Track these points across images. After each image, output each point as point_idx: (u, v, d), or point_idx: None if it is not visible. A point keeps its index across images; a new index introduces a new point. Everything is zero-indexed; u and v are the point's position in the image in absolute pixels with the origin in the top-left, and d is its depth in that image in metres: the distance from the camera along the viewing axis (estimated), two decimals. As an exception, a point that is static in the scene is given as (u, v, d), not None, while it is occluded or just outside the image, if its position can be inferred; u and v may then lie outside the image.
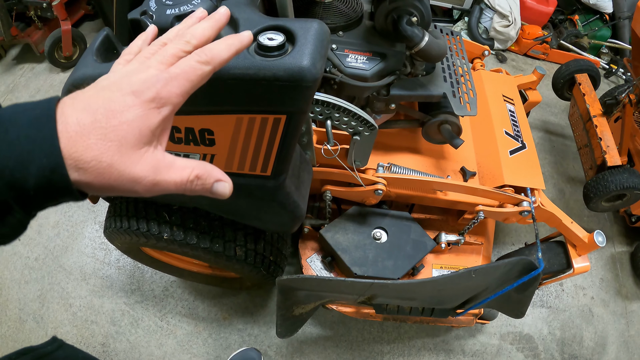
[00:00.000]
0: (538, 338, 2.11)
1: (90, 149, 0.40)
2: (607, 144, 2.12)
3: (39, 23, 2.79)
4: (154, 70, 0.46)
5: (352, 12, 1.40)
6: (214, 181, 0.50)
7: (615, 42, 3.60)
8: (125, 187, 0.43)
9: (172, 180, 0.46)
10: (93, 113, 0.42)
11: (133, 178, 0.43)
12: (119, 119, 0.42)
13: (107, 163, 0.41)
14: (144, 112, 0.44)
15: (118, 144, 0.42)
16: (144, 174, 0.44)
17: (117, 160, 0.42)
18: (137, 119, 0.43)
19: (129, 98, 0.43)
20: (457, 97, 1.50)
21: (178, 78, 0.46)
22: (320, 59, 0.78)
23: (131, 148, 0.43)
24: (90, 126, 0.41)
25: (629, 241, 2.55)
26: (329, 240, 1.57)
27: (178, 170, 0.46)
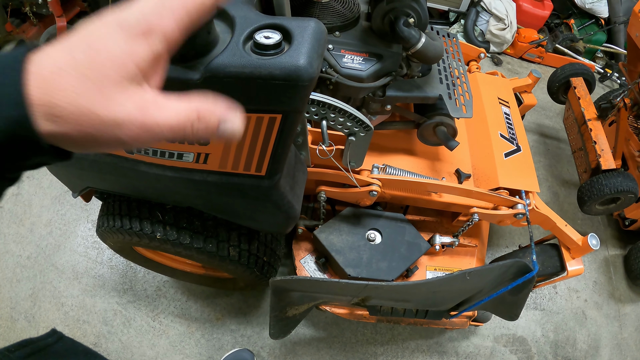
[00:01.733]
0: (531, 340, 2.11)
1: (67, 93, 0.34)
2: (601, 147, 2.13)
3: (34, 19, 2.77)
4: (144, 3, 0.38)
5: (349, 12, 1.40)
6: (217, 120, 0.40)
7: (610, 46, 3.62)
8: (108, 135, 0.36)
9: (165, 122, 0.37)
10: (71, 51, 0.35)
11: (115, 121, 0.36)
12: (101, 55, 0.36)
13: (86, 107, 0.35)
14: (130, 44, 0.36)
15: (99, 84, 0.35)
16: (128, 116, 0.36)
17: (99, 102, 0.35)
18: (118, 50, 0.36)
19: (113, 30, 0.37)
20: (452, 99, 1.50)
21: (172, 5, 0.38)
22: (317, 58, 0.78)
23: (114, 86, 0.36)
24: (67, 65, 0.35)
25: (623, 244, 2.57)
26: (323, 241, 1.56)
27: (173, 109, 0.38)
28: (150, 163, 1.02)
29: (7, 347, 0.83)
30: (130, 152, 1.01)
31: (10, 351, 0.83)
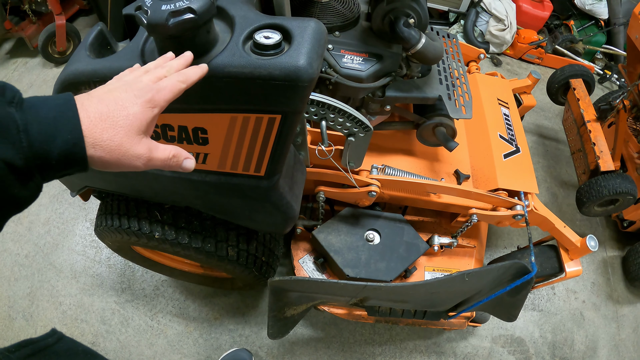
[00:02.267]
0: (529, 341, 2.11)
1: (106, 131, 0.54)
2: (600, 149, 2.13)
3: (33, 17, 2.76)
4: (146, 81, 0.62)
5: (349, 12, 1.39)
6: (183, 159, 0.65)
7: (610, 48, 3.62)
8: (129, 161, 0.57)
9: (160, 157, 0.61)
10: (107, 105, 0.56)
11: (136, 155, 0.58)
12: (126, 111, 0.57)
13: (117, 142, 0.55)
14: (143, 109, 0.59)
15: (125, 130, 0.56)
16: (143, 152, 0.58)
17: (125, 141, 0.56)
18: (138, 114, 0.58)
19: (133, 98, 0.59)
20: (452, 100, 1.50)
21: (165, 89, 0.62)
22: (316, 58, 0.78)
23: (134, 133, 0.57)
24: (106, 114, 0.55)
25: (621, 246, 2.57)
26: (321, 242, 1.56)
27: (162, 150, 0.62)
28: (149, 163, 1.01)
29: (7, 348, 0.83)
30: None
31: (10, 351, 0.83)
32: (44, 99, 0.53)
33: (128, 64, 0.83)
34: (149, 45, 0.85)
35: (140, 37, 0.87)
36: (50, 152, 0.50)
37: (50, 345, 0.91)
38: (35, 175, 0.51)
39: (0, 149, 0.47)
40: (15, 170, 0.49)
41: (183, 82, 0.65)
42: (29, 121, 0.49)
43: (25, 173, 0.50)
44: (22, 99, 0.52)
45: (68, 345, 0.95)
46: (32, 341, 0.88)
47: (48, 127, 0.50)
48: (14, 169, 0.49)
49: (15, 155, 0.48)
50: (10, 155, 0.48)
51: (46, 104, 0.52)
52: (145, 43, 0.86)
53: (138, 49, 0.84)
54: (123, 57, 0.86)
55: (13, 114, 0.49)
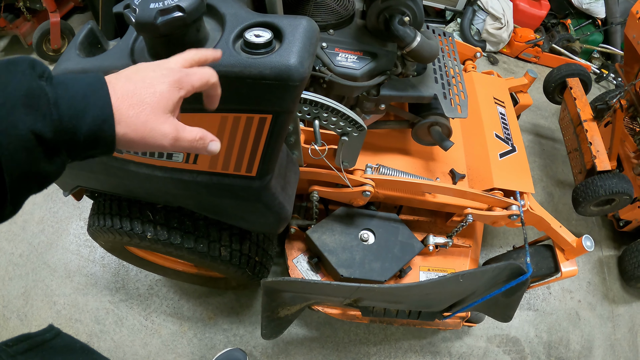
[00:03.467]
0: (525, 341, 2.11)
1: (132, 108, 0.54)
2: (597, 148, 2.13)
3: (27, 15, 2.74)
4: (174, 64, 0.62)
5: (343, 10, 1.38)
6: (209, 141, 0.63)
7: (607, 47, 3.62)
8: (155, 139, 0.57)
9: (187, 137, 0.60)
10: (134, 83, 0.56)
11: (162, 133, 0.57)
12: (153, 89, 0.56)
13: (144, 119, 0.55)
14: (170, 88, 0.58)
15: (152, 107, 0.56)
16: (170, 131, 0.58)
17: (152, 118, 0.56)
18: (165, 92, 0.57)
19: (161, 77, 0.58)
20: (447, 99, 1.49)
21: (195, 75, 0.62)
22: (308, 57, 0.77)
23: (161, 111, 0.57)
24: (132, 92, 0.55)
25: (617, 245, 2.56)
26: (315, 241, 1.55)
27: (190, 131, 0.61)
28: (140, 163, 1.01)
29: (5, 342, 0.83)
30: (119, 151, 0.99)
31: (8, 346, 0.83)
32: (74, 77, 0.53)
33: (117, 63, 0.82)
34: (138, 44, 0.84)
35: (130, 35, 0.86)
36: (79, 128, 0.50)
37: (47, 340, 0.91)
38: (62, 151, 0.51)
39: (31, 120, 0.47)
40: (44, 143, 0.49)
41: (212, 76, 0.65)
42: (60, 95, 0.50)
43: (53, 147, 0.50)
44: (52, 75, 0.52)
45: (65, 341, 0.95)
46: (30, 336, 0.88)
47: (78, 103, 0.50)
48: (43, 141, 0.48)
49: (45, 128, 0.48)
50: (40, 127, 0.48)
51: (76, 81, 0.52)
52: (134, 42, 0.85)
53: (128, 48, 0.83)
54: (112, 56, 0.85)
55: (44, 87, 0.49)
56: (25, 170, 0.49)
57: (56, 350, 0.92)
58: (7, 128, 0.46)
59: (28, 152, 0.48)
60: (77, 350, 0.97)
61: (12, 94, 0.47)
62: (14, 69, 0.49)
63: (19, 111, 0.47)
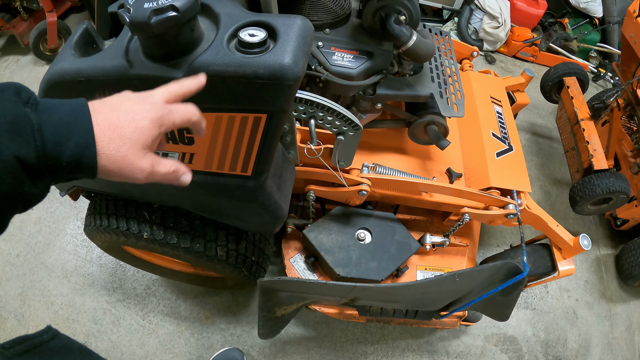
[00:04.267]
0: (522, 339, 2.11)
1: (113, 141, 0.55)
2: (594, 147, 2.13)
3: (24, 14, 2.74)
4: (158, 98, 0.63)
5: (339, 9, 1.38)
6: (182, 174, 0.66)
7: (604, 46, 3.62)
8: (132, 173, 0.58)
9: (161, 171, 0.62)
10: (117, 116, 0.57)
11: (139, 168, 0.58)
12: (135, 124, 0.57)
13: (123, 153, 0.56)
14: (151, 125, 0.59)
15: (132, 142, 0.57)
16: (146, 166, 0.59)
17: (131, 153, 0.57)
18: (146, 128, 0.58)
19: (144, 112, 0.59)
20: (444, 98, 1.49)
21: (177, 112, 0.63)
22: (302, 56, 0.77)
23: (140, 147, 0.58)
24: (115, 125, 0.56)
25: (614, 244, 2.57)
26: (312, 241, 1.55)
27: (164, 165, 0.63)
28: (135, 162, 1.00)
29: (2, 344, 0.83)
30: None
31: (5, 348, 0.82)
32: (59, 102, 0.55)
33: (112, 63, 0.82)
34: (133, 44, 0.84)
35: (125, 35, 0.86)
36: (62, 154, 0.52)
37: (45, 341, 0.91)
38: (45, 175, 0.53)
39: (15, 145, 0.49)
40: (28, 168, 0.51)
41: (194, 115, 0.66)
42: (44, 122, 0.51)
43: (36, 171, 0.52)
44: (37, 101, 0.53)
45: (63, 342, 0.95)
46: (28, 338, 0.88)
47: (62, 130, 0.52)
48: (27, 166, 0.50)
49: (29, 154, 0.50)
50: (24, 152, 0.50)
51: (60, 107, 0.54)
52: (129, 42, 0.84)
53: (123, 48, 0.83)
54: (107, 56, 0.84)
55: (29, 114, 0.51)
56: (9, 193, 0.51)
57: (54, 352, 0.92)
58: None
59: (12, 176, 0.50)
60: (75, 351, 0.97)
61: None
62: (0, 95, 0.52)
63: (4, 137, 0.49)
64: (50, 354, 0.90)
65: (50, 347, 0.91)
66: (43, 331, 0.93)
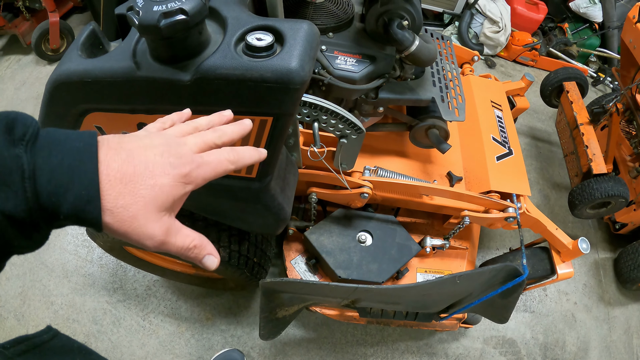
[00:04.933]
0: (521, 342, 2.12)
1: (122, 197, 0.45)
2: (593, 151, 2.14)
3: (27, 14, 2.75)
4: (188, 149, 0.52)
5: (342, 13, 1.39)
6: (206, 254, 0.55)
7: (603, 51, 3.64)
8: (138, 239, 0.48)
9: (176, 244, 0.51)
10: (135, 166, 0.47)
11: (149, 234, 0.48)
12: (153, 180, 0.47)
13: (132, 214, 0.46)
14: (175, 183, 0.49)
15: (145, 202, 0.47)
16: (158, 233, 0.48)
17: (142, 214, 0.46)
18: (167, 186, 0.48)
19: (167, 167, 0.49)
20: (445, 102, 1.50)
21: (209, 165, 0.52)
22: (309, 61, 0.77)
23: (155, 209, 0.48)
24: (129, 177, 0.46)
25: (613, 248, 2.58)
26: (313, 243, 1.56)
27: (183, 237, 0.52)
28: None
29: (3, 344, 0.83)
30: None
31: (5, 348, 0.82)
32: (64, 136, 0.45)
33: (120, 65, 0.83)
34: (140, 46, 0.85)
35: (132, 37, 0.86)
36: (60, 206, 0.43)
37: (45, 341, 0.91)
38: (41, 227, 0.44)
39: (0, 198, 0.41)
40: (17, 223, 0.42)
41: (232, 163, 0.55)
42: (39, 166, 0.42)
43: (28, 225, 0.43)
44: (37, 135, 0.44)
45: (63, 342, 0.95)
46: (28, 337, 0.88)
47: (61, 177, 0.43)
48: (15, 221, 0.42)
49: (17, 207, 0.41)
50: (10, 206, 0.41)
51: (64, 144, 0.44)
52: (137, 43, 0.85)
53: (130, 50, 0.84)
54: (115, 58, 0.85)
55: (20, 157, 0.42)
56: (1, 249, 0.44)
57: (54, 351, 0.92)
58: None
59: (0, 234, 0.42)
60: (75, 351, 0.97)
61: None
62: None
63: None
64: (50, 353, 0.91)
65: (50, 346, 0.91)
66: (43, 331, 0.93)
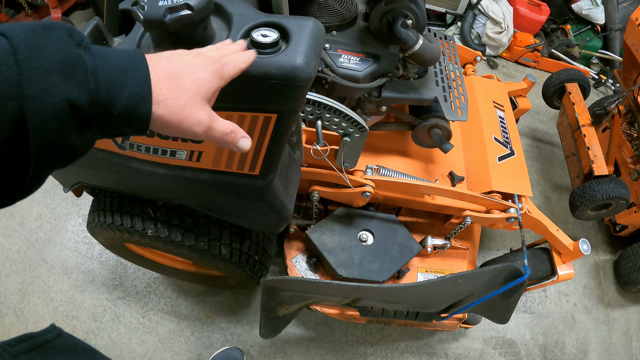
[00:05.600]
0: (521, 343, 2.12)
1: (173, 90, 0.54)
2: (594, 153, 2.14)
3: (29, 10, 2.75)
4: (213, 54, 0.63)
5: (346, 11, 1.39)
6: (240, 136, 0.63)
7: (605, 53, 3.64)
8: (190, 125, 0.56)
9: (219, 128, 0.60)
10: (177, 66, 0.56)
11: (198, 119, 0.57)
12: (195, 75, 0.57)
13: (182, 103, 0.55)
14: (212, 77, 0.59)
15: (192, 93, 0.56)
16: (205, 118, 0.58)
17: (190, 103, 0.56)
18: (207, 80, 0.58)
19: (203, 65, 0.59)
20: (448, 102, 1.50)
21: (230, 65, 0.63)
22: (314, 58, 0.77)
23: (200, 98, 0.57)
24: (174, 74, 0.55)
25: (613, 249, 2.58)
26: (314, 241, 1.56)
27: (222, 122, 0.61)
28: (143, 160, 1.01)
29: (7, 342, 0.83)
30: (122, 148, 1.00)
31: (10, 345, 0.83)
32: (112, 50, 0.51)
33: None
34: (145, 41, 0.85)
35: (137, 32, 0.86)
36: (116, 102, 0.48)
37: (50, 340, 0.91)
38: (93, 125, 0.49)
39: (67, 87, 0.45)
40: (78, 113, 0.46)
41: (244, 62, 0.66)
42: (98, 66, 0.48)
43: (85, 119, 0.47)
44: (90, 45, 0.49)
45: (67, 341, 0.95)
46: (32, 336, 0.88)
47: (117, 76, 0.49)
48: (77, 111, 0.46)
49: (81, 97, 0.46)
50: (76, 95, 0.45)
51: (115, 54, 0.50)
52: (141, 39, 0.85)
53: (134, 45, 0.84)
54: (118, 53, 0.85)
55: (82, 55, 0.47)
56: (54, 142, 0.46)
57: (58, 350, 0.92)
58: (40, 94, 0.43)
59: (60, 122, 0.45)
60: (79, 350, 0.97)
61: (48, 60, 0.44)
62: (51, 34, 0.46)
63: (54, 78, 0.44)
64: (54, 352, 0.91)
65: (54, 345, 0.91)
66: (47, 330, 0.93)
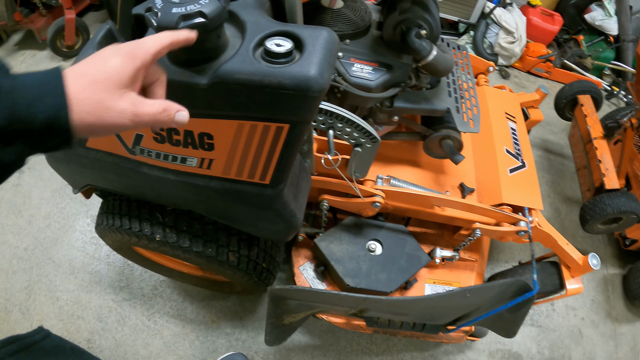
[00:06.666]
0: (527, 357, 2.10)
1: (85, 89, 0.53)
2: (606, 166, 2.12)
3: (43, 10, 2.77)
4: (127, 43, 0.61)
5: (360, 20, 1.39)
6: (175, 111, 0.61)
7: (618, 64, 3.61)
8: (113, 119, 0.55)
9: (148, 110, 0.58)
10: (86, 64, 0.55)
11: (119, 110, 0.55)
12: (105, 65, 0.55)
13: (97, 99, 0.53)
14: (124, 59, 0.56)
15: (105, 84, 0.54)
16: (126, 106, 0.56)
17: (106, 96, 0.54)
18: (118, 65, 0.56)
19: (113, 52, 0.57)
20: (460, 113, 1.49)
21: (149, 42, 0.60)
22: (328, 68, 0.77)
23: (115, 87, 0.55)
24: (84, 72, 0.54)
25: (622, 264, 2.55)
26: (323, 250, 1.55)
27: (149, 104, 0.59)
28: (152, 165, 1.01)
29: None
30: (133, 153, 1.00)
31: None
32: (31, 72, 0.53)
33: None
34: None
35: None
36: (35, 116, 0.50)
37: (37, 341, 0.91)
38: (18, 141, 0.51)
39: None
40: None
41: (168, 36, 0.63)
42: (14, 85, 0.50)
43: (7, 136, 0.49)
44: (8, 68, 0.52)
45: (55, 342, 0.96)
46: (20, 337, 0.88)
47: (34, 92, 0.50)
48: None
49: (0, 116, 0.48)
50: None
51: (33, 73, 0.52)
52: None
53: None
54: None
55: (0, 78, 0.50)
56: None
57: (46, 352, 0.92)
58: None
59: None
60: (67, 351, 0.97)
61: None
62: None
63: None
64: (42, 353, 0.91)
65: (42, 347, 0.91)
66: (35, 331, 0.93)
